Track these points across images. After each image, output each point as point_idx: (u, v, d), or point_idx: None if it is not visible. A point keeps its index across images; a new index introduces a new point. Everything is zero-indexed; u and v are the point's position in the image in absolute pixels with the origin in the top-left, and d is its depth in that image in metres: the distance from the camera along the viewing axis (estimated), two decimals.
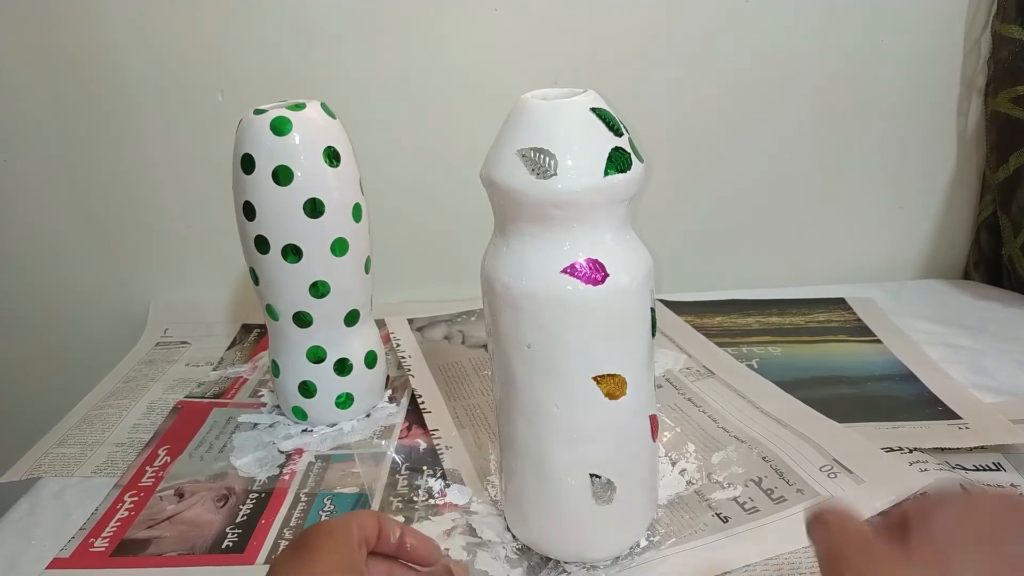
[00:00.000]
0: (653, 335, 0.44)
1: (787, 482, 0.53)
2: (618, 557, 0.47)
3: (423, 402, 0.66)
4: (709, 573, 0.46)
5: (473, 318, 0.81)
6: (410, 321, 0.79)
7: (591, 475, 0.44)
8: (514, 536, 0.50)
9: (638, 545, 0.48)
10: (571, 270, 0.40)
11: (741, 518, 0.50)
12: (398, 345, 0.74)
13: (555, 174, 0.39)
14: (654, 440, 0.47)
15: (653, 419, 0.46)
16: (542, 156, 0.39)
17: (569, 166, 0.39)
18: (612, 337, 0.42)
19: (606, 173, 0.39)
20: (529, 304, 0.41)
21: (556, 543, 0.47)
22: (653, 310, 0.44)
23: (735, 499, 0.52)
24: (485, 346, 0.73)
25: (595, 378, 0.42)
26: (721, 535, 0.49)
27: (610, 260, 0.41)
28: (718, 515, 0.51)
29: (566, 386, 0.42)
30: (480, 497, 0.54)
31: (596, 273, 0.40)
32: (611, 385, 0.42)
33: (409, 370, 0.70)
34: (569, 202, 0.39)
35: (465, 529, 0.51)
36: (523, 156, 0.39)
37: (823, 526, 0.32)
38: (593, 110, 0.40)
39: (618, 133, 0.40)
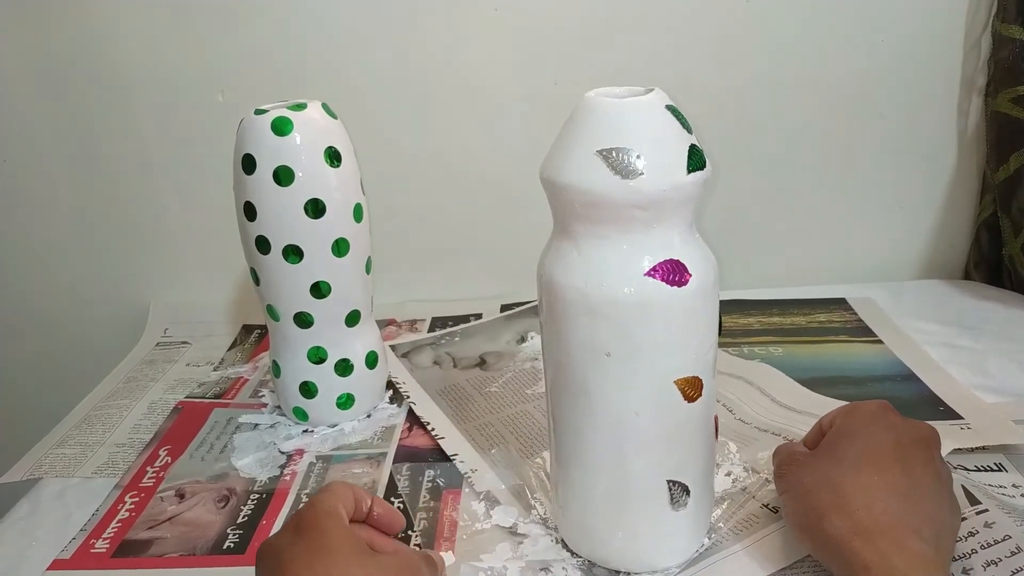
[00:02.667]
0: (720, 333, 0.44)
1: None
2: (688, 559, 0.47)
3: (433, 429, 0.63)
4: (780, 564, 0.46)
5: (457, 338, 0.78)
6: (392, 348, 0.76)
7: (668, 481, 0.43)
8: (572, 553, 0.48)
9: (702, 546, 0.48)
10: (655, 272, 0.39)
11: None
12: (389, 373, 0.71)
13: (642, 173, 0.37)
14: (716, 439, 0.46)
15: (715, 418, 0.46)
16: (626, 155, 0.37)
17: (655, 165, 0.38)
18: (691, 338, 0.41)
19: (688, 171, 0.38)
20: (611, 310, 0.39)
21: (629, 555, 0.45)
22: (719, 307, 0.43)
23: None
24: (478, 365, 0.72)
25: (676, 381, 0.41)
26: (775, 526, 0.49)
27: (687, 260, 0.40)
28: (766, 506, 0.51)
29: (648, 392, 0.41)
30: (526, 517, 0.52)
31: (678, 274, 0.39)
32: (689, 387, 0.41)
33: (408, 397, 0.67)
34: (653, 201, 0.38)
35: (519, 552, 0.49)
36: (605, 156, 0.38)
37: (776, 454, 0.48)
38: (668, 107, 0.39)
39: (689, 131, 0.40)
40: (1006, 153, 0.77)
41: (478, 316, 0.84)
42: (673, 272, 0.39)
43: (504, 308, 0.85)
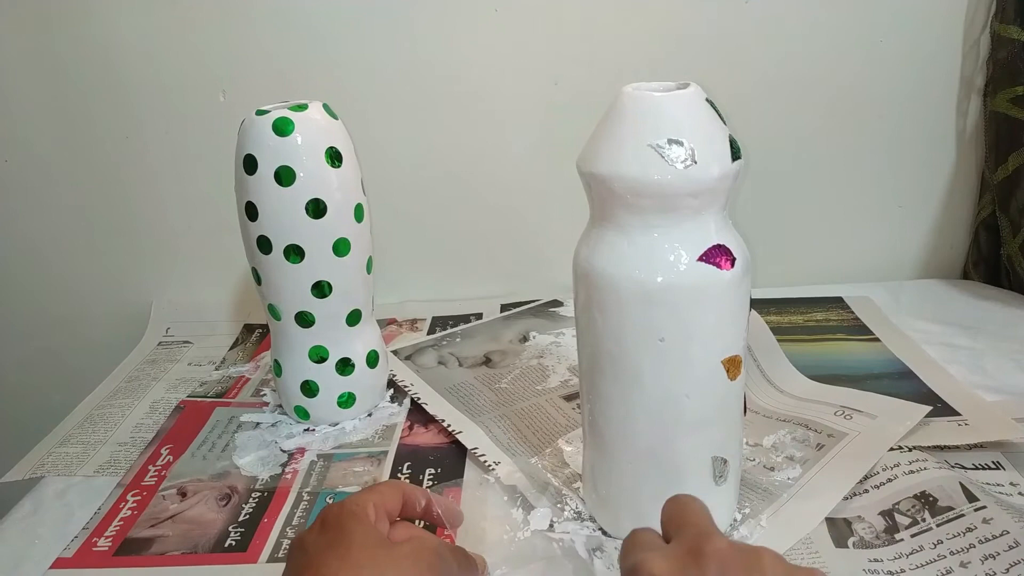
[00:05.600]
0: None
1: (815, 432, 0.57)
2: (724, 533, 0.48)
3: (449, 425, 0.62)
4: (814, 522, 0.48)
5: (458, 339, 0.78)
6: (395, 352, 0.75)
7: (712, 457, 0.45)
8: (609, 538, 0.49)
9: (735, 519, 0.49)
10: (706, 257, 0.41)
11: (796, 470, 0.53)
12: (394, 376, 0.70)
13: (695, 163, 0.39)
14: (744, 414, 0.48)
15: (744, 393, 0.48)
16: (679, 147, 0.39)
17: (706, 155, 0.39)
18: (735, 318, 0.43)
19: (732, 159, 0.40)
20: (667, 297, 0.41)
21: None
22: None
23: (788, 457, 0.55)
24: (484, 363, 0.72)
25: (722, 361, 0.43)
26: (795, 488, 0.51)
27: (729, 244, 0.42)
28: (771, 469, 0.54)
29: (698, 374, 0.43)
30: (559, 516, 0.51)
31: (726, 258, 0.41)
32: (732, 366, 0.43)
33: (418, 398, 0.66)
34: (705, 190, 0.40)
35: (568, 549, 0.48)
36: (658, 149, 0.39)
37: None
38: (707, 101, 0.41)
39: (724, 123, 0.42)
40: (1005, 153, 0.77)
41: (478, 316, 0.84)
42: (721, 256, 0.41)
43: (504, 308, 0.85)
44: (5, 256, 0.90)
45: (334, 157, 0.57)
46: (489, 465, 0.57)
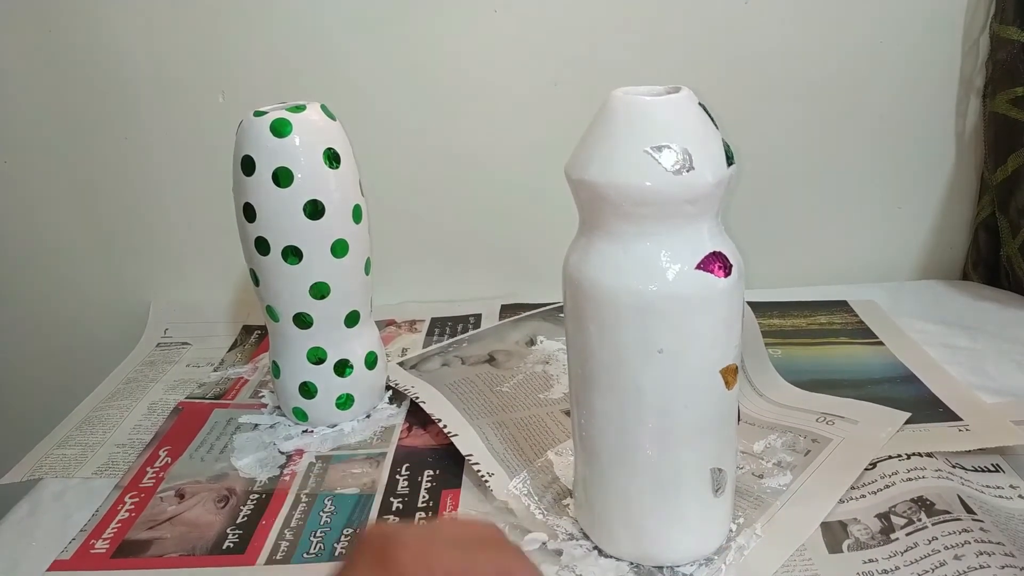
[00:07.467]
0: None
1: (802, 438, 0.57)
2: (721, 546, 0.47)
3: (446, 426, 0.60)
4: (810, 529, 0.48)
5: (465, 343, 0.76)
6: (400, 364, 0.72)
7: (711, 469, 0.44)
8: (608, 557, 0.47)
9: (731, 530, 0.48)
10: (703, 265, 0.40)
11: (787, 476, 0.53)
12: (395, 383, 0.68)
13: (693, 168, 0.38)
14: (739, 422, 0.47)
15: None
16: (676, 153, 0.38)
17: (703, 160, 0.38)
18: (732, 327, 0.42)
19: (728, 164, 0.40)
20: (666, 306, 0.40)
21: (675, 547, 0.46)
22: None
23: (777, 463, 0.55)
24: (488, 362, 0.71)
25: (720, 371, 0.42)
26: (787, 495, 0.51)
27: (724, 251, 0.41)
28: (760, 476, 0.54)
29: (697, 384, 0.42)
30: (552, 535, 0.50)
31: (723, 265, 0.40)
32: (730, 375, 0.42)
33: (417, 397, 0.65)
34: (704, 196, 0.39)
35: (564, 568, 0.47)
36: (656, 154, 0.38)
37: None
38: (700, 105, 0.41)
39: (717, 127, 0.41)
40: (1004, 154, 0.77)
41: (477, 316, 0.84)
42: (718, 264, 0.40)
43: (504, 308, 0.85)
44: (4, 256, 0.90)
45: (332, 158, 0.57)
46: (483, 476, 0.55)
